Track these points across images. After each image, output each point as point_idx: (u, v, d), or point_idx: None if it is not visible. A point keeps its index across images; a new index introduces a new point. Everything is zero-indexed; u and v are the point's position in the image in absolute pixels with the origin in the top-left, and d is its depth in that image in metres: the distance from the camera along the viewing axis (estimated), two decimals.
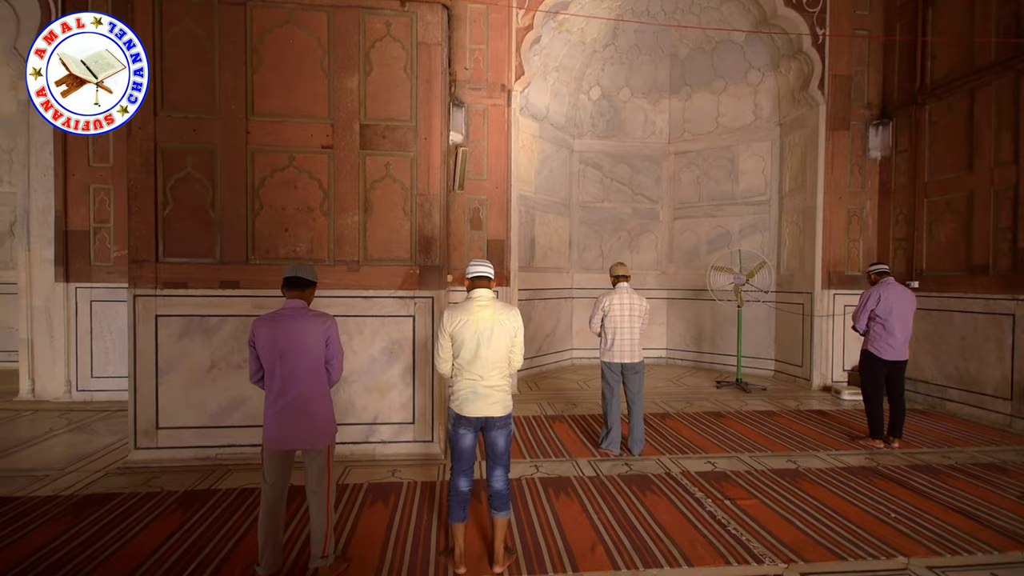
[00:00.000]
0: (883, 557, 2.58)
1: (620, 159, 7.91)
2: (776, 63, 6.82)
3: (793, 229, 6.75)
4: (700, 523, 2.91)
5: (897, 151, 6.13)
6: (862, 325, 4.33)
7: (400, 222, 3.90)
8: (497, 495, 2.47)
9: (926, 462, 3.93)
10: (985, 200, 5.10)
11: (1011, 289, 4.81)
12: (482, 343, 2.39)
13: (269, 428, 2.29)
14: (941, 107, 5.58)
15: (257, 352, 2.31)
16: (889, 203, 6.24)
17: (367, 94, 3.83)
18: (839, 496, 3.30)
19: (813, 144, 6.36)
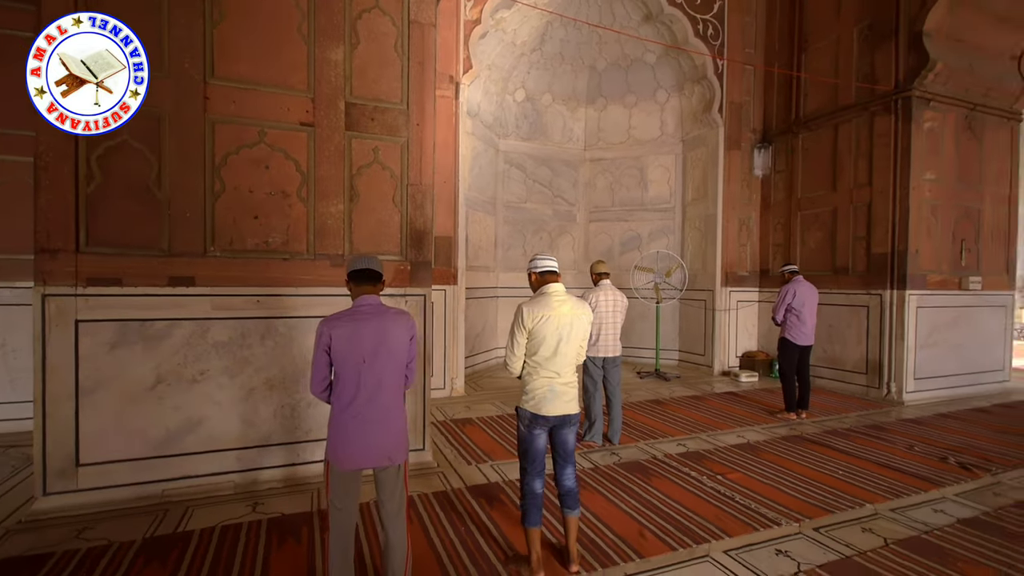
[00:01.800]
0: (855, 507, 3.11)
1: (541, 162, 8.17)
2: (681, 86, 7.67)
3: (696, 234, 7.66)
4: (712, 499, 3.19)
5: (776, 171, 7.34)
6: (781, 316, 5.12)
7: (389, 213, 3.58)
8: (569, 493, 2.43)
9: (831, 427, 4.80)
10: (846, 214, 6.37)
11: (867, 286, 6.09)
12: (563, 339, 2.34)
13: (344, 443, 1.96)
14: (812, 136, 6.83)
15: (332, 357, 1.96)
16: (770, 214, 7.43)
17: (353, 69, 3.44)
18: (793, 462, 3.87)
19: (714, 161, 7.29)
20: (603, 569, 2.42)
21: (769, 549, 2.62)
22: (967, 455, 4.02)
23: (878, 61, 6.01)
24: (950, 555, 2.57)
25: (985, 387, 6.35)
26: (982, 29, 5.92)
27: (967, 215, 6.25)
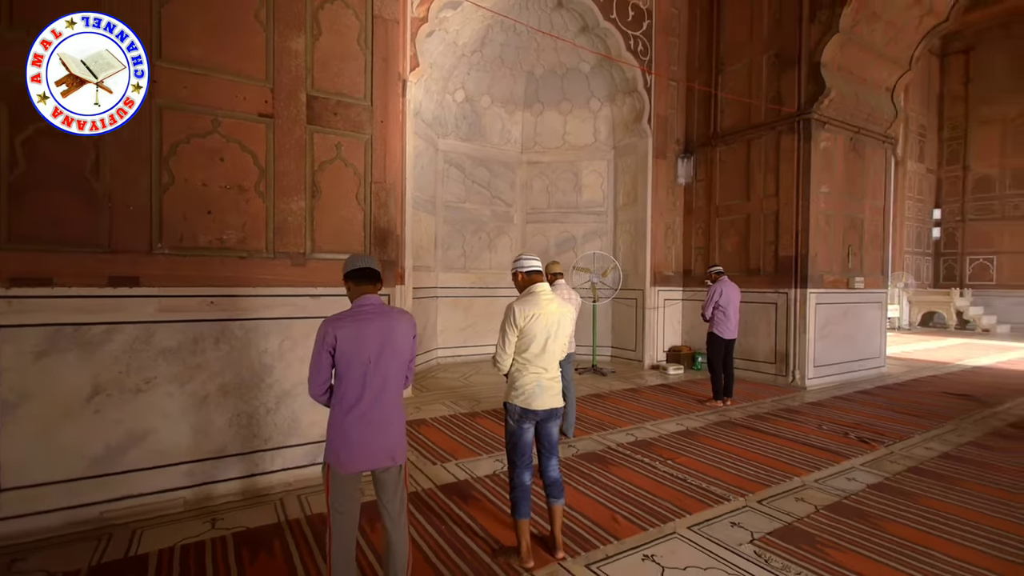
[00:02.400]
0: (787, 480, 3.53)
1: (480, 162, 8.24)
2: (613, 97, 8.11)
3: (627, 237, 8.13)
4: (667, 481, 3.47)
5: (697, 180, 7.99)
6: (709, 313, 5.61)
7: (353, 211, 3.48)
8: (555, 484, 2.55)
9: (753, 412, 5.36)
10: (758, 221, 7.11)
11: (775, 285, 6.84)
12: (551, 336, 2.45)
13: (347, 445, 1.92)
14: (728, 150, 7.53)
15: (336, 358, 1.91)
16: (692, 219, 8.08)
17: (315, 61, 3.31)
18: (728, 444, 4.29)
19: (643, 168, 7.80)
20: (585, 553, 2.56)
21: (724, 522, 2.91)
22: (864, 431, 4.69)
23: (784, 86, 6.78)
24: (868, 514, 3.02)
25: (867, 372, 7.38)
26: (865, 63, 6.88)
27: (853, 224, 7.23)
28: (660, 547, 2.63)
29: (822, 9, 6.42)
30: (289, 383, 3.26)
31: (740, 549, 2.61)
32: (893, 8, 6.51)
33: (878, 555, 2.56)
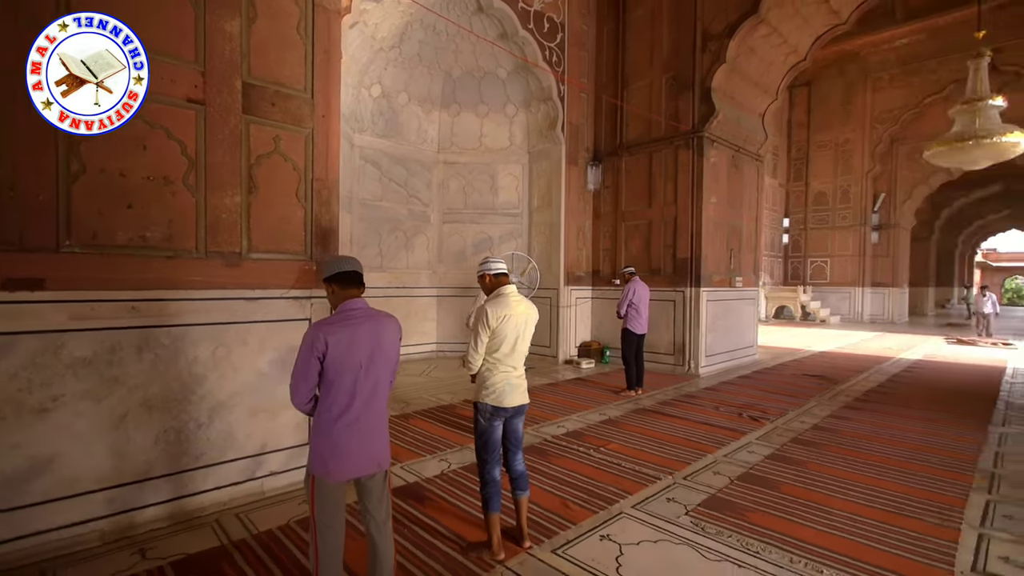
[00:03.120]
0: (702, 457, 4.01)
1: (397, 160, 8.06)
2: (528, 103, 8.40)
3: (541, 239, 8.48)
4: (603, 467, 3.76)
5: (605, 186, 8.58)
6: (623, 310, 6.10)
7: (293, 209, 3.29)
8: (521, 477, 2.67)
9: (661, 399, 5.94)
10: (658, 226, 7.84)
11: (673, 284, 7.60)
12: (520, 336, 2.56)
13: (336, 454, 1.87)
14: (633, 160, 8.19)
15: (326, 364, 1.84)
16: (600, 223, 8.66)
17: (251, 47, 3.07)
18: (647, 429, 4.74)
19: (557, 173, 8.19)
20: (548, 540, 2.72)
21: (661, 499, 3.25)
22: (752, 410, 5.44)
23: (680, 105, 7.56)
24: (770, 481, 3.55)
25: (744, 359, 8.50)
26: (744, 91, 7.90)
27: (733, 230, 8.27)
28: (612, 527, 2.88)
29: (712, 41, 7.26)
30: (224, 394, 3.00)
31: (679, 521, 2.95)
32: (766, 45, 7.56)
33: (784, 514, 3.05)
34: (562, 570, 2.44)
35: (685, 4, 7.52)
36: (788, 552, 2.61)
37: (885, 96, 15.98)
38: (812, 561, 2.52)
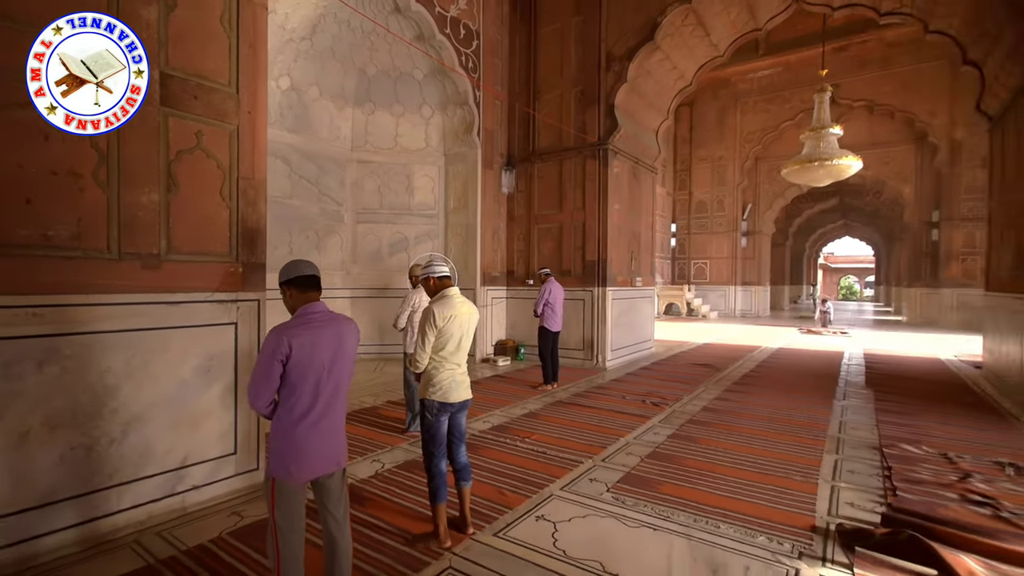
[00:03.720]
0: (616, 441, 4.45)
1: (308, 157, 7.73)
2: (445, 106, 8.50)
3: (458, 240, 8.62)
4: (530, 456, 4.04)
5: (518, 190, 8.94)
6: (540, 309, 6.46)
7: (216, 209, 3.14)
8: (464, 468, 2.83)
9: (575, 392, 6.39)
10: (569, 230, 8.36)
11: (583, 284, 8.16)
12: (464, 335, 2.72)
13: (299, 456, 1.90)
14: (545, 166, 8.63)
15: (288, 367, 1.86)
16: (514, 225, 9.00)
17: (170, 35, 2.89)
18: (565, 419, 5.12)
19: (473, 177, 8.39)
20: (489, 525, 2.92)
21: (585, 480, 3.59)
22: (654, 397, 6.06)
23: (588, 118, 8.13)
24: (673, 457, 4.05)
25: (644, 352, 9.34)
26: (642, 109, 8.69)
27: (634, 235, 9.05)
28: (545, 508, 3.14)
29: (615, 62, 7.91)
30: (140, 405, 2.80)
31: (602, 497, 3.29)
32: (660, 70, 8.39)
33: (686, 483, 3.53)
34: (505, 550, 2.65)
35: (590, 26, 8.10)
36: (692, 514, 3.05)
37: (751, 119, 18.26)
38: (711, 519, 2.99)
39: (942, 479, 3.55)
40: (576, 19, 8.27)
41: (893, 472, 3.69)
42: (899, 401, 5.98)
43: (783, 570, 2.48)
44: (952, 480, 3.53)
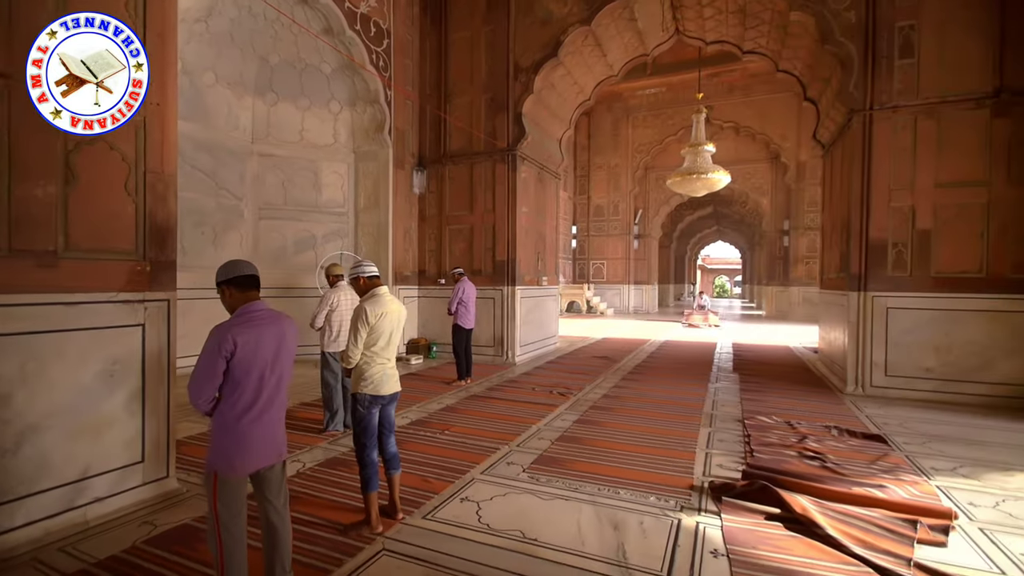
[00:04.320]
0: (528, 428, 4.84)
1: (202, 147, 7.21)
2: (354, 102, 8.37)
3: (369, 239, 8.54)
4: (451, 447, 4.28)
5: (430, 191, 9.06)
6: (454, 307, 6.69)
7: (121, 204, 2.98)
8: (394, 457, 3.01)
9: (488, 386, 6.71)
10: (479, 231, 8.67)
11: (493, 283, 8.51)
12: (393, 332, 2.90)
13: (243, 449, 1.99)
14: (456, 169, 8.85)
15: (233, 364, 1.92)
16: (426, 225, 9.12)
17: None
18: (481, 412, 5.42)
19: (385, 176, 8.37)
20: (417, 510, 3.12)
21: (503, 463, 3.91)
22: (560, 387, 6.58)
23: (497, 125, 8.50)
24: (580, 439, 4.52)
25: (549, 347, 9.94)
26: (547, 119, 9.25)
27: (540, 236, 9.60)
28: (468, 490, 3.41)
29: (522, 73, 8.36)
30: (35, 414, 2.61)
31: (519, 477, 3.64)
32: (563, 84, 9.00)
33: (591, 460, 3.99)
34: (434, 530, 2.88)
35: (499, 36, 8.48)
36: (596, 484, 3.50)
37: (641, 132, 19.95)
38: (612, 487, 3.45)
39: (786, 441, 4.39)
40: (486, 28, 8.59)
41: (751, 438, 4.47)
42: (757, 382, 7.09)
43: (668, 521, 2.99)
44: (793, 442, 4.38)
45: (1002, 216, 5.85)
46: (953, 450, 4.29)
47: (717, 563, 2.55)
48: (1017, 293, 5.76)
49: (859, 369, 6.40)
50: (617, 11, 7.94)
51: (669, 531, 2.87)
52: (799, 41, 7.35)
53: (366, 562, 2.54)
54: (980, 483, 3.59)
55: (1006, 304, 5.80)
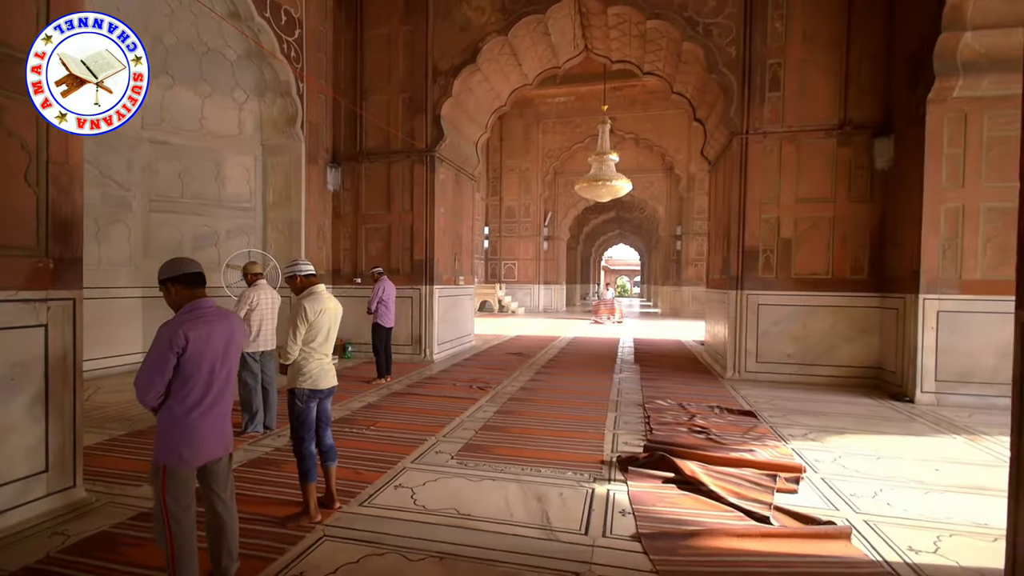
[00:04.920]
0: (453, 420, 5.06)
1: None
2: (263, 93, 7.99)
3: (280, 236, 8.20)
4: (380, 440, 4.39)
5: (344, 188, 8.90)
6: (374, 307, 6.71)
7: (19, 195, 2.77)
8: (331, 449, 3.11)
9: (409, 383, 6.82)
10: (397, 230, 8.69)
11: (411, 282, 8.58)
12: (331, 328, 3.00)
13: (192, 442, 2.03)
14: (373, 167, 8.78)
15: (183, 359, 1.96)
16: (340, 223, 8.94)
17: None
18: (405, 408, 5.54)
19: (297, 171, 8.10)
20: (353, 499, 3.24)
21: (431, 452, 4.11)
22: (479, 382, 6.87)
23: (416, 126, 8.58)
24: (500, 427, 4.84)
25: (465, 345, 10.18)
26: (464, 122, 9.49)
27: (457, 237, 9.82)
28: (401, 478, 3.58)
29: (441, 76, 8.52)
30: None
31: (448, 464, 3.87)
32: (480, 89, 9.30)
33: (512, 444, 4.33)
34: (372, 515, 3.03)
35: (418, 38, 8.56)
36: (520, 465, 3.83)
37: (550, 138, 20.86)
38: (534, 467, 3.80)
39: (678, 420, 5.05)
40: (404, 28, 8.63)
41: (650, 419, 5.08)
42: (655, 372, 7.91)
43: (584, 490, 3.39)
44: (684, 420, 5.05)
45: (843, 228, 7.11)
46: (805, 420, 5.22)
47: (625, 520, 2.99)
48: (854, 291, 7.05)
49: (736, 357, 7.41)
50: (532, 24, 8.39)
51: (585, 499, 3.27)
52: (691, 68, 8.30)
53: (308, 548, 2.64)
54: (823, 444, 4.45)
55: (846, 300, 7.07)
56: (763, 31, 7.22)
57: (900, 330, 6.44)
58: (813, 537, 2.79)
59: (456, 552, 2.62)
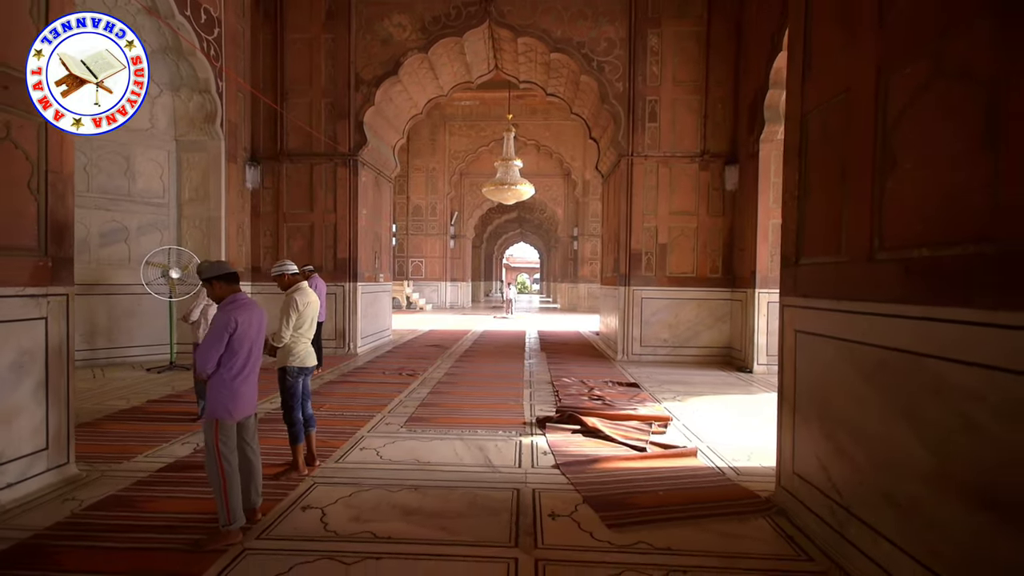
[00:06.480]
0: (392, 400, 5.79)
1: None
2: (178, 88, 7.91)
3: (197, 233, 8.16)
4: (333, 419, 5.01)
5: (265, 187, 9.02)
6: None
7: (24, 203, 3.09)
8: (312, 417, 3.76)
9: (340, 372, 7.33)
10: (320, 229, 9.03)
11: (335, 279, 8.97)
12: (314, 317, 3.66)
13: (237, 400, 2.66)
14: (294, 168, 9.01)
15: (234, 337, 2.58)
16: (260, 221, 9.04)
17: None
18: (345, 392, 6.13)
19: (216, 169, 8.13)
20: (329, 458, 3.91)
21: (382, 424, 4.84)
22: (407, 370, 7.58)
23: (339, 130, 8.98)
24: (436, 404, 5.68)
25: (385, 339, 10.72)
26: (384, 128, 10.03)
27: (377, 237, 10.32)
28: (364, 443, 4.30)
29: (364, 84, 9.02)
30: None
31: (399, 431, 4.64)
32: (400, 98, 9.91)
33: (452, 415, 5.18)
34: (348, 468, 3.74)
35: (340, 47, 8.96)
36: (460, 429, 4.72)
37: (457, 140, 21.67)
38: (472, 429, 4.71)
39: (580, 391, 6.26)
40: (326, 36, 8.97)
41: (558, 392, 6.22)
42: (559, 357, 9.18)
43: (514, 441, 4.38)
44: (585, 391, 6.26)
45: (704, 236, 8.87)
46: (675, 388, 6.70)
47: (546, 457, 4.02)
48: (712, 287, 8.84)
49: (624, 342, 8.90)
50: (450, 45, 9.20)
51: (515, 447, 4.26)
52: (587, 96, 9.66)
53: (305, 491, 3.31)
54: (685, 403, 5.89)
55: (706, 295, 8.84)
56: (643, 72, 8.74)
57: (744, 318, 8.29)
58: (673, 456, 4.05)
59: (425, 485, 3.45)
